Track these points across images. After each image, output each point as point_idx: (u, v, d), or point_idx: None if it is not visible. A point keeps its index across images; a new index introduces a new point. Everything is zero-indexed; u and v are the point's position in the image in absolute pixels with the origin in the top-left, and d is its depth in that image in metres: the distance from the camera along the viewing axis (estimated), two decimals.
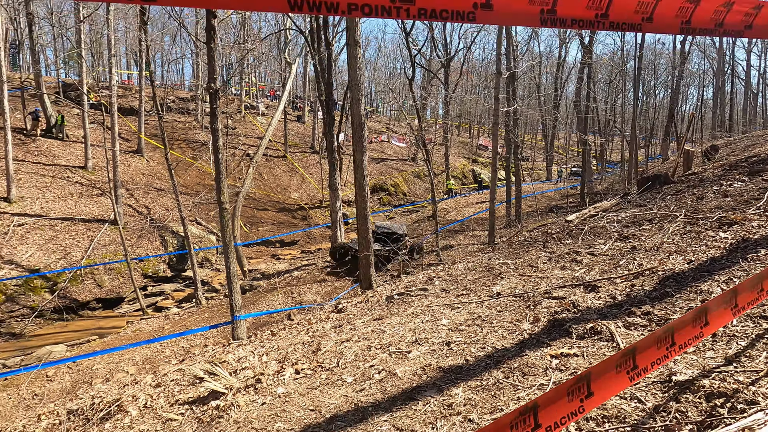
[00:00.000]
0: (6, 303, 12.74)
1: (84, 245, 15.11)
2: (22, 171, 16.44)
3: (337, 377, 2.86)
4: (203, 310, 12.56)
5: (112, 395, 3.46)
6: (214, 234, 18.36)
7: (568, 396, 0.92)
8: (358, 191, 7.68)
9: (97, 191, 17.36)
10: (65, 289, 13.69)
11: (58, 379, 9.34)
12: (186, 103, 26.09)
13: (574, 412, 0.94)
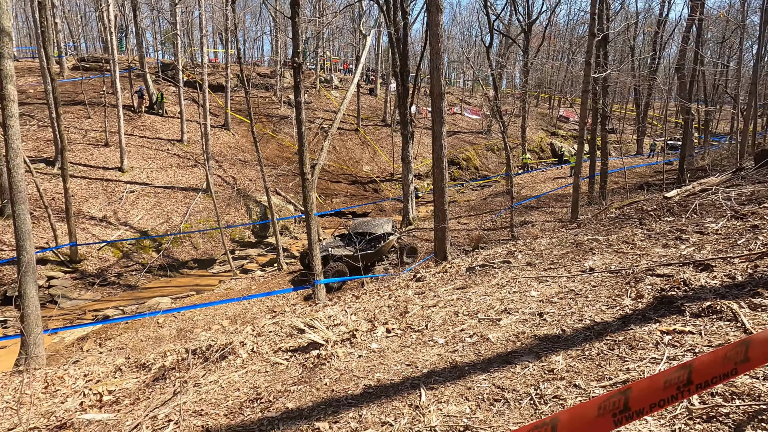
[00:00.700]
0: (123, 259, 14.67)
1: (182, 211, 16.81)
2: (131, 144, 18.49)
3: (427, 338, 2.98)
4: (284, 274, 13.51)
5: (224, 340, 3.92)
6: (292, 204, 19.43)
7: (724, 360, 0.89)
8: (435, 163, 7.64)
9: (191, 162, 19.09)
10: (168, 250, 15.42)
11: (167, 325, 10.63)
12: (266, 78, 27.34)
13: (726, 374, 0.91)
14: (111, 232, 15.07)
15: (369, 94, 29.17)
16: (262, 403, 2.44)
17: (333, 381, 2.54)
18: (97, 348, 9.79)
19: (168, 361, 4.05)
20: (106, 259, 14.34)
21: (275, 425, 2.11)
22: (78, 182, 15.95)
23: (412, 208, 15.61)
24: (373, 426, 1.91)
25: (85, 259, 14.00)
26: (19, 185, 7.17)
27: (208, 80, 19.20)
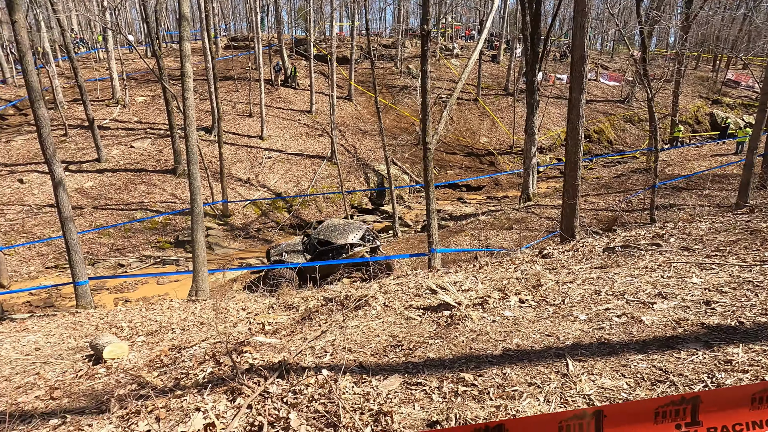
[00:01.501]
0: (261, 216, 16.73)
1: (309, 176, 18.39)
2: (270, 115, 20.60)
3: (566, 313, 2.88)
4: (399, 241, 14.07)
5: (359, 293, 4.31)
6: (408, 174, 19.84)
7: None
8: (570, 134, 7.04)
9: (318, 132, 20.62)
10: (297, 211, 17.12)
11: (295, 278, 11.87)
12: (387, 49, 27.73)
13: None
14: (253, 193, 17.26)
15: (491, 61, 27.71)
16: (403, 349, 2.66)
17: (469, 340, 2.64)
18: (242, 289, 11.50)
19: (311, 305, 4.61)
20: (249, 215, 16.53)
21: (420, 369, 2.29)
22: (228, 148, 18.42)
23: (533, 182, 14.73)
24: (518, 384, 1.95)
25: (233, 214, 16.33)
26: (192, 148, 8.60)
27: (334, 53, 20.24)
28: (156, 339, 4.34)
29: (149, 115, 19.73)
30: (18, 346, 4.99)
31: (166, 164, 17.17)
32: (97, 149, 16.58)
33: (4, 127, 18.70)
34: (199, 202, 8.78)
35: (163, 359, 3.28)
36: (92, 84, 20.17)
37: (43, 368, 3.79)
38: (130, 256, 14.22)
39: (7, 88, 20.88)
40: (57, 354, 4.36)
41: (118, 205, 15.48)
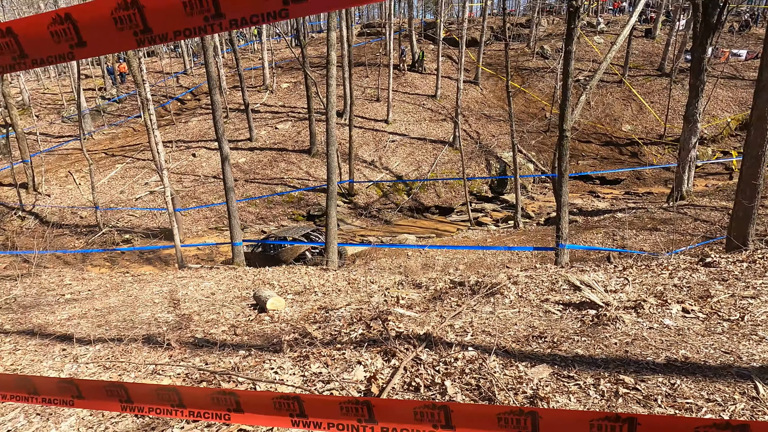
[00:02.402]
0: (382, 198, 17.51)
1: (430, 161, 18.57)
2: (395, 99, 21.21)
3: (747, 331, 2.50)
4: (519, 232, 13.49)
5: (492, 280, 4.32)
6: (533, 163, 18.71)
7: None
8: (755, 122, 5.86)
9: (441, 117, 20.59)
10: (416, 194, 17.50)
11: (414, 259, 12.28)
12: (519, 28, 26.13)
13: None
14: (376, 174, 18.12)
15: (644, 37, 24.19)
16: (546, 341, 2.62)
17: (623, 344, 2.48)
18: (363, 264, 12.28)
19: (439, 286, 4.76)
20: (371, 196, 17.45)
21: (569, 363, 2.25)
22: (356, 131, 19.54)
23: (689, 178, 12.67)
24: (693, 398, 1.79)
25: (357, 193, 17.40)
26: (332, 131, 9.37)
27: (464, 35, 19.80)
28: (303, 298, 4.96)
29: (291, 99, 21.93)
30: (198, 290, 6.17)
31: (303, 144, 18.98)
32: (249, 130, 19.08)
33: (183, 110, 22.66)
34: (334, 181, 9.58)
35: (315, 316, 3.76)
36: (248, 72, 23.12)
37: (221, 309, 4.65)
38: (270, 224, 16.22)
39: (186, 77, 25.16)
40: (228, 300, 5.29)
41: (263, 179, 17.70)
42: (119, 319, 4.51)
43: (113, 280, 7.30)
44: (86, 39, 0.87)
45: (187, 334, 3.72)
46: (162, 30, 0.83)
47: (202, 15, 0.80)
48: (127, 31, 0.84)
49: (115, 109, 23.41)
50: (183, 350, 3.16)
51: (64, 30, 0.87)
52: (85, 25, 0.86)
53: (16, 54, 0.92)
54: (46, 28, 0.88)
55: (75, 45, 0.88)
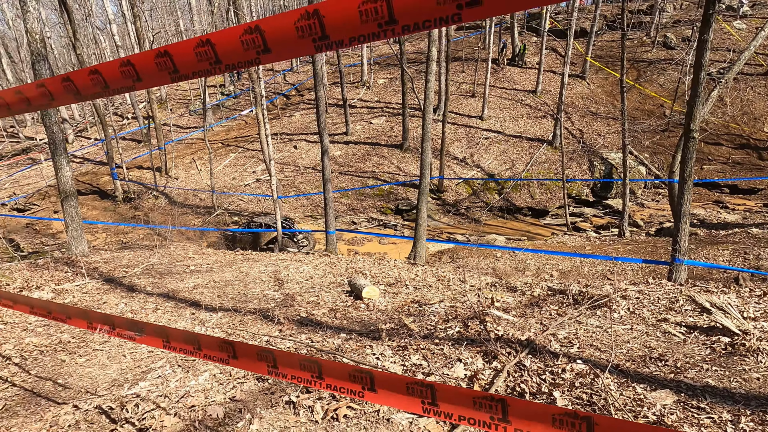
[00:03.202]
0: (472, 196, 17.14)
1: (525, 160, 17.70)
2: (492, 95, 20.53)
3: None
4: (625, 242, 12.26)
5: (599, 291, 4.01)
6: (645, 165, 16.87)
7: None
8: None
9: (541, 113, 19.46)
10: (508, 194, 16.82)
11: (502, 260, 11.85)
12: (638, 16, 23.52)
13: None
14: (467, 171, 17.78)
15: None
16: (667, 365, 2.37)
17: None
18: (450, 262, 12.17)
19: (535, 292, 4.54)
20: (461, 193, 17.18)
21: (698, 393, 2.01)
22: (448, 127, 19.32)
23: None
24: None
25: (446, 190, 17.25)
26: (428, 127, 9.39)
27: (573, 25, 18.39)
28: (395, 290, 5.09)
29: (386, 95, 22.40)
30: (298, 272, 6.66)
31: (395, 140, 19.31)
32: (345, 124, 19.93)
33: (288, 105, 24.42)
34: (427, 176, 9.61)
35: (410, 309, 3.84)
36: (347, 69, 24.12)
37: (320, 293, 4.97)
38: (360, 216, 16.83)
39: (293, 74, 27.05)
40: (325, 284, 5.63)
41: (356, 172, 18.40)
42: (234, 292, 5.07)
43: (226, 257, 8.20)
44: (271, 46, 1.00)
45: (292, 311, 4.06)
46: (338, 37, 0.92)
47: (376, 22, 0.87)
48: (307, 38, 0.94)
49: (231, 104, 26.09)
50: (290, 326, 3.46)
51: (252, 39, 1.01)
52: (271, 35, 0.98)
53: (212, 60, 1.08)
54: (238, 38, 1.02)
55: (261, 51, 1.01)
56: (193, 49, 1.09)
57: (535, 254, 11.76)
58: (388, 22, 0.86)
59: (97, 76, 1.29)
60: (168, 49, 1.13)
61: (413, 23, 0.84)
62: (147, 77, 1.21)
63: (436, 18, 0.82)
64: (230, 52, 1.05)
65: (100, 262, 7.00)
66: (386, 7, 0.85)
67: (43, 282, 5.24)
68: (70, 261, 6.91)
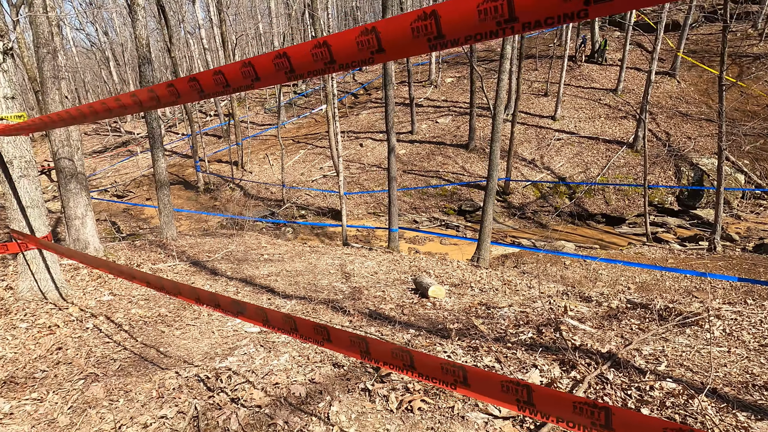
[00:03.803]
0: (540, 199, 16.42)
1: (601, 163, 16.60)
2: (566, 94, 19.48)
3: None
4: (716, 256, 11.06)
5: (687, 309, 3.68)
6: (744, 173, 15.10)
7: None
8: None
9: (621, 114, 18.13)
10: (579, 199, 15.90)
11: (572, 269, 11.25)
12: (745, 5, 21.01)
13: None
14: (535, 174, 17.07)
15: None
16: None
17: None
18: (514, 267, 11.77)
19: (612, 304, 4.27)
20: (527, 196, 16.52)
21: None
22: (517, 127, 18.66)
23: None
24: None
25: (512, 192, 16.68)
26: (498, 126, 9.15)
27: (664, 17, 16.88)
28: (460, 291, 5.04)
29: (454, 94, 22.13)
30: (363, 267, 6.82)
31: (461, 139, 19.03)
32: (411, 123, 19.99)
33: (356, 104, 25.00)
34: (495, 178, 9.38)
35: (478, 311, 3.79)
36: (414, 68, 24.15)
37: (386, 288, 5.06)
38: (422, 215, 16.81)
39: (361, 73, 27.63)
40: (390, 280, 5.72)
41: (419, 171, 18.40)
42: (305, 282, 5.32)
43: (296, 248, 8.62)
44: (385, 47, 1.05)
45: (360, 304, 4.18)
46: (454, 36, 0.94)
47: (495, 20, 0.88)
48: (422, 38, 0.98)
49: (302, 102, 27.26)
50: (360, 318, 3.57)
51: (367, 40, 1.07)
52: (385, 36, 1.04)
53: (327, 60, 1.16)
54: (354, 39, 1.09)
55: (375, 52, 1.07)
56: (310, 50, 1.17)
57: (610, 264, 11.02)
58: (508, 20, 0.87)
59: (219, 77, 1.43)
60: (286, 51, 1.23)
61: (534, 21, 0.84)
62: (265, 77, 1.32)
63: (559, 15, 0.82)
64: (345, 53, 1.12)
65: (186, 246, 7.68)
66: (506, 6, 0.86)
67: (141, 261, 5.88)
68: (162, 244, 7.65)
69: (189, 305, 3.91)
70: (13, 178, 3.52)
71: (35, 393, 2.09)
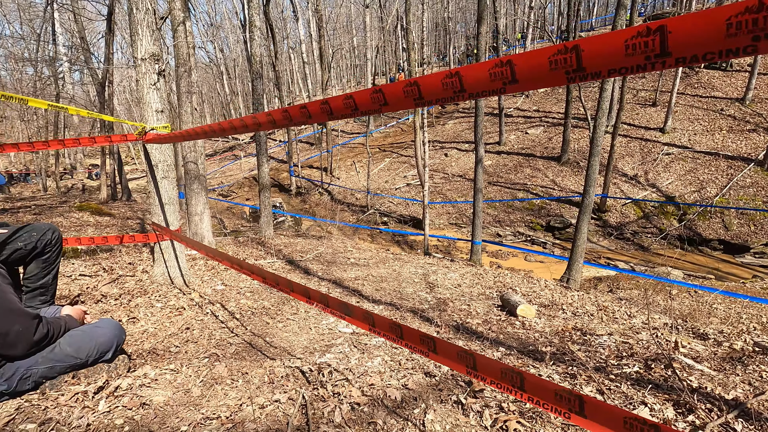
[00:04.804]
0: (642, 219, 14.96)
1: (720, 183, 14.66)
2: (680, 104, 17.55)
3: None
4: None
5: None
6: None
7: None
8: None
9: (749, 126, 15.85)
10: (691, 222, 14.17)
11: (679, 299, 10.06)
12: None
13: None
14: (637, 191, 15.59)
15: None
16: None
17: None
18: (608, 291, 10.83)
19: (736, 345, 3.76)
20: (627, 215, 15.14)
21: None
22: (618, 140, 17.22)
23: None
24: None
25: (609, 210, 15.41)
26: (598, 140, 8.56)
27: None
28: (550, 313, 4.81)
29: (546, 104, 21.12)
30: (446, 278, 6.81)
31: (552, 151, 18.08)
32: (499, 134, 19.47)
33: (442, 114, 25.03)
34: (592, 194, 8.77)
35: (572, 336, 3.59)
36: None
37: (471, 302, 5.01)
38: (506, 229, 16.25)
39: None
40: (474, 294, 5.64)
41: (505, 183, 17.83)
42: (390, 288, 5.47)
43: (379, 254, 8.88)
44: (519, 78, 1.10)
45: (445, 316, 4.20)
46: (595, 69, 0.96)
47: (644, 55, 0.89)
48: (560, 71, 1.01)
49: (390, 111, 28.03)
50: (447, 330, 3.59)
51: (501, 72, 1.13)
52: (521, 68, 1.09)
53: (457, 89, 1.24)
54: (487, 71, 1.15)
55: (508, 83, 1.12)
56: (441, 80, 1.26)
57: (728, 298, 9.65)
58: (659, 55, 0.87)
59: (350, 101, 1.58)
60: (417, 80, 1.33)
61: (691, 55, 0.83)
62: (393, 102, 1.44)
63: (722, 50, 0.80)
64: (476, 83, 1.19)
65: (281, 245, 8.33)
66: (659, 41, 0.86)
67: (245, 256, 6.51)
68: (261, 241, 8.39)
69: (288, 300, 4.25)
70: (157, 178, 4.15)
71: (172, 365, 2.44)
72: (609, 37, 0.92)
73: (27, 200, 13.39)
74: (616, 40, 0.91)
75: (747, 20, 0.75)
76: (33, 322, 1.92)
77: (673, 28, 0.83)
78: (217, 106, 45.33)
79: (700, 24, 0.80)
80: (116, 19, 14.82)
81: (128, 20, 4.20)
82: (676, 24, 0.82)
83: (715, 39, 0.80)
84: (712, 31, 0.79)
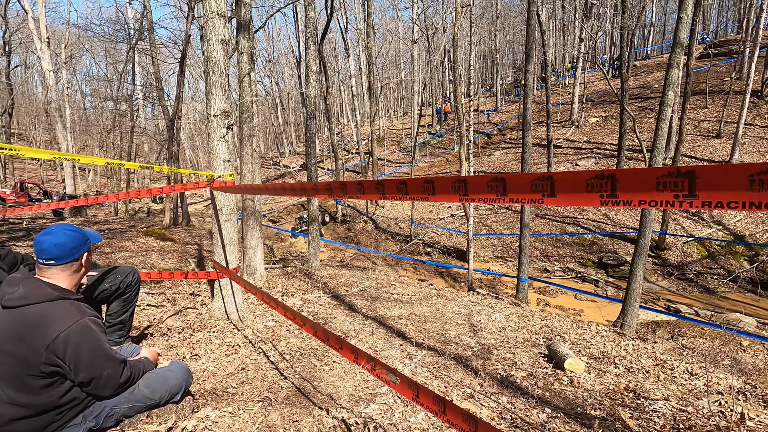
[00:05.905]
0: (706, 259, 13.92)
1: None
2: (747, 135, 16.47)
3: None
4: None
5: None
6: None
7: None
8: None
9: None
10: (765, 263, 13.01)
11: (751, 352, 9.22)
12: None
13: None
14: (701, 229, 14.61)
15: None
16: None
17: None
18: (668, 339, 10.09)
19: None
20: (689, 254, 14.17)
21: None
22: None
23: None
24: None
25: (669, 248, 14.50)
26: None
27: None
28: (601, 367, 4.61)
29: (598, 135, 20.52)
30: (490, 320, 6.71)
31: None
32: (548, 165, 19.06)
33: (488, 144, 24.96)
34: (648, 232, 8.37)
35: (624, 398, 3.44)
36: (554, 107, 23.19)
37: (515, 350, 4.92)
38: (555, 264, 15.68)
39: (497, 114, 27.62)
40: (519, 340, 5.52)
41: (554, 216, 17.32)
42: (433, 330, 5.50)
43: (422, 290, 8.90)
44: (557, 192, 1.21)
45: (489, 365, 4.17)
46: (627, 197, 1.05)
47: (673, 193, 0.97)
48: (595, 193, 1.11)
49: (436, 142, 28.34)
50: (491, 383, 3.57)
51: (542, 185, 1.24)
52: (560, 184, 1.20)
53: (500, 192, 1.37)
54: (528, 183, 1.27)
55: (547, 195, 1.24)
56: (486, 183, 1.39)
57: None
58: (687, 195, 0.95)
59: (402, 186, 1.74)
60: (466, 179, 1.47)
61: (716, 201, 0.90)
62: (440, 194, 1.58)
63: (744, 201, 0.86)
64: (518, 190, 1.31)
65: (327, 277, 8.59)
66: (687, 183, 0.94)
67: (294, 290, 6.81)
68: (308, 272, 8.71)
69: None
70: (220, 221, 4.53)
71: (230, 407, 2.64)
72: (643, 172, 1.01)
73: (101, 224, 14.76)
74: (648, 176, 1.00)
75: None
76: (120, 367, 2.19)
77: (701, 174, 0.92)
78: (270, 135, 48.01)
79: (725, 175, 0.88)
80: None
81: (204, 81, 4.71)
82: (704, 172, 0.91)
83: (738, 191, 0.87)
84: (737, 183, 0.87)
